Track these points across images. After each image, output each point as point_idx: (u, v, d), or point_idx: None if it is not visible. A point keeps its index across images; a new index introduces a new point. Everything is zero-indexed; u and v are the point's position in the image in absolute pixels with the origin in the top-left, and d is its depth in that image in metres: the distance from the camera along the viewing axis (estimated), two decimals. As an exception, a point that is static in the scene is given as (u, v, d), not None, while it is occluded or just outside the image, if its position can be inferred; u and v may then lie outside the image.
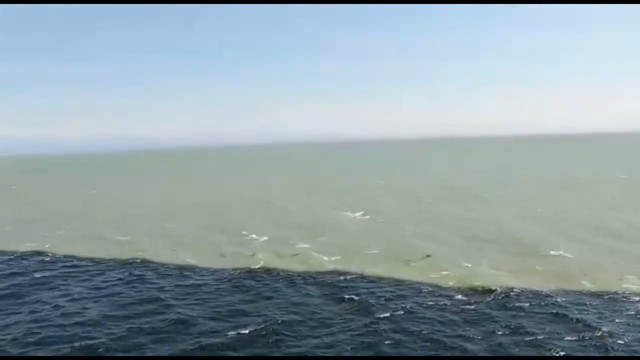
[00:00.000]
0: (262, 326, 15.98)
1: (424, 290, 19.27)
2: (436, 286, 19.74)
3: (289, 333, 15.49)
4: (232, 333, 15.57)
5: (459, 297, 18.37)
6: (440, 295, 18.57)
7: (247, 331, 15.70)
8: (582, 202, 40.77)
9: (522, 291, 18.66)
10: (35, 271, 24.26)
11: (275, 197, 50.61)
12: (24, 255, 27.87)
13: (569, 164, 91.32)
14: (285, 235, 30.76)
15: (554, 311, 16.54)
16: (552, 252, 24.26)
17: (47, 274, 23.67)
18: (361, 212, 38.79)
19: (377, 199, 47.51)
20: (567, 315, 16.10)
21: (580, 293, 18.46)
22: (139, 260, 25.64)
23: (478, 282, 19.79)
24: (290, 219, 37.35)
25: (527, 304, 17.26)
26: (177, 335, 15.67)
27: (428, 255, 24.38)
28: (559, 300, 17.62)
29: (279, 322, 16.27)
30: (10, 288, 21.37)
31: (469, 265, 22.53)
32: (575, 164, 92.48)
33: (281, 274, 22.33)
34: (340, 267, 23.11)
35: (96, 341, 15.27)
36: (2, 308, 18.77)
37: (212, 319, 17.03)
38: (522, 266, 22.23)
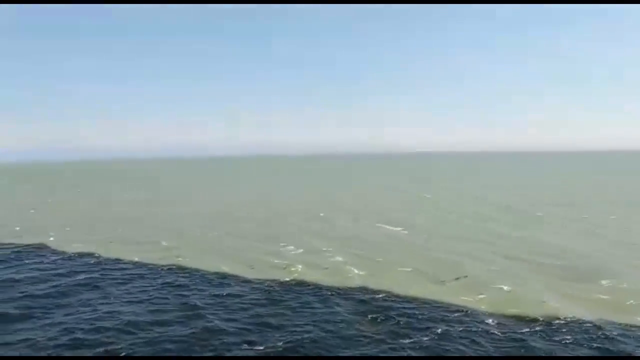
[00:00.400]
0: (288, 341, 15.76)
1: (457, 314, 18.19)
2: (471, 310, 18.60)
3: (314, 350, 15.19)
4: (258, 347, 15.43)
5: (495, 324, 17.19)
6: (474, 321, 17.46)
7: (273, 345, 15.53)
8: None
9: (568, 322, 17.21)
10: (80, 272, 25.29)
11: (323, 210, 50.07)
12: (71, 256, 29.32)
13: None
14: (321, 248, 30.40)
15: (602, 345, 15.15)
16: (607, 280, 22.32)
17: (90, 275, 24.60)
18: (401, 227, 37.87)
19: (420, 214, 46.29)
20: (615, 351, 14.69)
21: (636, 327, 16.80)
22: (176, 267, 26.18)
23: (518, 309, 18.47)
24: (332, 231, 36.93)
25: (572, 337, 15.89)
26: (205, 345, 15.69)
27: (465, 276, 23.20)
28: (608, 333, 16.11)
29: (306, 338, 15.98)
30: (53, 287, 22.35)
31: (510, 289, 21.16)
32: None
33: (313, 287, 22.01)
34: (373, 282, 22.45)
35: (123, 345, 15.60)
36: (42, 307, 19.62)
37: (241, 330, 16.96)
38: (571, 293, 20.58)
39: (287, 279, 23.34)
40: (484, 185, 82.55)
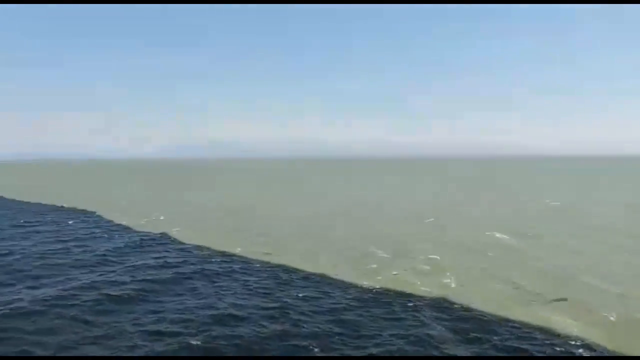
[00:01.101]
0: (370, 353, 15.13)
1: (563, 345, 15.74)
2: (579, 340, 15.97)
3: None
4: (335, 354, 15.09)
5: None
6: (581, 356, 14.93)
7: (350, 354, 15.06)
8: None
9: None
10: (192, 264, 27.41)
11: (433, 213, 48.05)
12: (184, 248, 32.05)
13: None
14: (422, 254, 28.91)
15: None
16: None
17: (199, 267, 26.50)
18: (509, 235, 34.53)
19: (538, 222, 41.69)
20: None
21: None
22: (273, 264, 27.04)
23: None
24: (436, 237, 35.02)
25: None
26: (281, 347, 15.77)
27: (563, 299, 20.15)
28: None
29: (387, 352, 15.17)
30: (167, 277, 24.46)
31: (624, 317, 17.78)
32: None
33: (406, 296, 20.96)
34: (467, 297, 20.60)
35: (204, 335, 16.35)
36: (153, 296, 21.48)
37: (324, 335, 16.72)
38: None
39: (381, 285, 22.58)
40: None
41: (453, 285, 22.60)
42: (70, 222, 45.56)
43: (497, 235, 35.12)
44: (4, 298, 20.70)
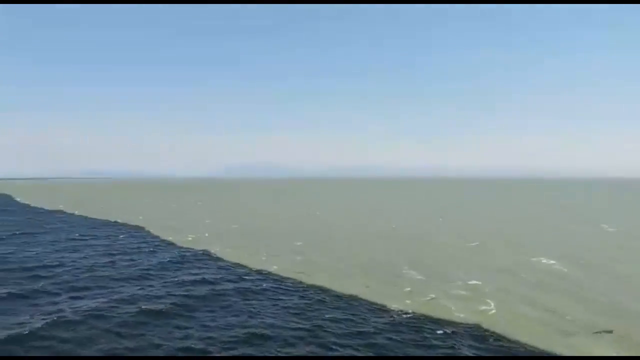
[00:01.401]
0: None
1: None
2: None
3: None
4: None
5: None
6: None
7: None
8: None
9: None
10: (229, 281, 27.86)
11: (478, 237, 46.46)
12: (223, 265, 32.65)
13: None
14: (460, 279, 27.86)
15: None
16: None
17: (234, 285, 26.90)
18: (555, 260, 32.62)
19: (592, 248, 39.10)
20: None
21: None
22: (307, 284, 26.95)
23: None
24: (478, 261, 33.68)
25: None
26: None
27: (609, 331, 18.56)
28: None
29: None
30: (202, 294, 24.97)
31: None
32: None
33: (441, 322, 20.20)
34: (502, 326, 19.52)
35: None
36: (186, 312, 21.96)
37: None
38: None
39: (413, 310, 21.91)
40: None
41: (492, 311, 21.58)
42: (120, 236, 47.85)
43: (544, 261, 33.29)
44: (50, 308, 21.91)
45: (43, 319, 19.87)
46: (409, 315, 21.20)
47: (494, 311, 21.60)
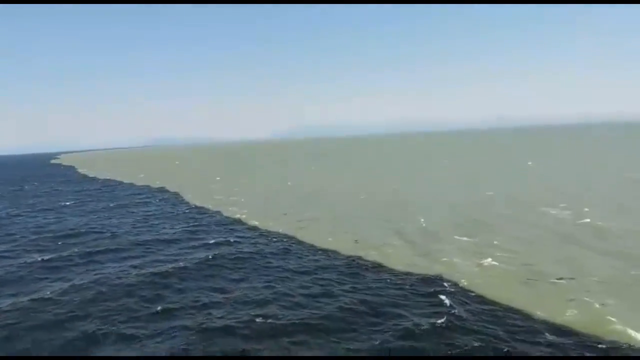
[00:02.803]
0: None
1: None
2: None
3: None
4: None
5: None
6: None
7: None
8: None
9: None
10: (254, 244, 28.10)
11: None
12: (276, 237, 30.20)
13: None
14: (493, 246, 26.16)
15: None
16: None
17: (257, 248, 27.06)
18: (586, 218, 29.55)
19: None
20: None
21: None
22: (360, 259, 24.38)
23: None
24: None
25: None
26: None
27: None
28: None
29: None
30: (227, 256, 25.38)
31: None
32: None
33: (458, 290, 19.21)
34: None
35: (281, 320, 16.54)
36: (240, 280, 22.20)
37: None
38: None
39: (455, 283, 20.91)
40: None
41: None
42: (157, 201, 49.82)
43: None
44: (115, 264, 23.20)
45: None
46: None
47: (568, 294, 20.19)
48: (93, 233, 34.36)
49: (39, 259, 26.86)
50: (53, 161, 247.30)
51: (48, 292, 20.57)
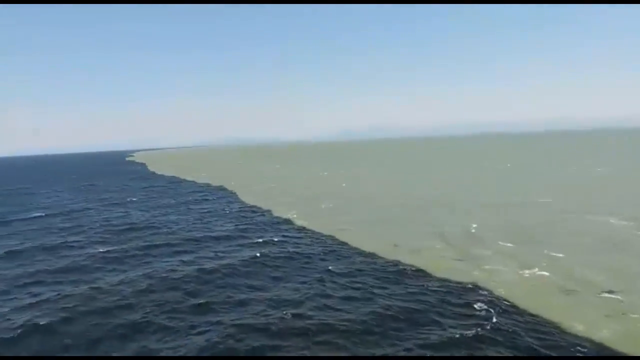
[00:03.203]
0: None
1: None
2: None
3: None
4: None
5: None
6: None
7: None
8: None
9: None
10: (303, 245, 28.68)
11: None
12: (319, 238, 31.15)
13: None
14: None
15: None
16: None
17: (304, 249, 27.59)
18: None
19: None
20: None
21: None
22: (398, 263, 24.57)
23: None
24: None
25: None
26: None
27: None
28: None
29: None
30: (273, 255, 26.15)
31: None
32: None
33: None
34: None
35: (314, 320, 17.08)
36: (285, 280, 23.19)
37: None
38: None
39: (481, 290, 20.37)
40: None
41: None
42: (213, 199, 52.00)
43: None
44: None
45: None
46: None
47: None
48: (152, 228, 36.70)
49: (101, 250, 29.19)
50: (128, 158, 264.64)
51: (104, 282, 22.41)
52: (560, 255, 23.60)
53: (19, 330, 17.06)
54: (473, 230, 30.10)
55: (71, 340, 16.23)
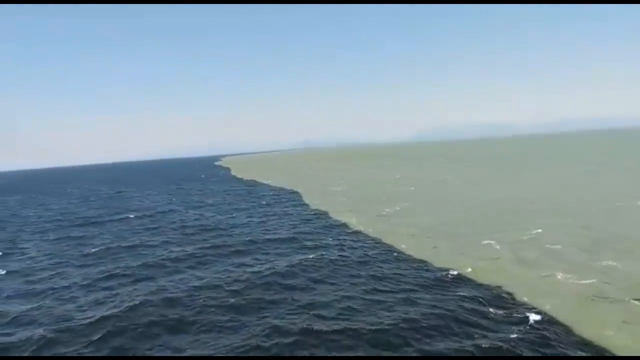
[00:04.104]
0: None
1: None
2: None
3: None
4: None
5: None
6: None
7: None
8: None
9: None
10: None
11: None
12: (378, 243, 31.52)
13: None
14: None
15: None
16: None
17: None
18: None
19: None
20: None
21: None
22: (451, 270, 25.09)
23: None
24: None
25: None
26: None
27: None
28: None
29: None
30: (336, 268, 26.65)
31: None
32: None
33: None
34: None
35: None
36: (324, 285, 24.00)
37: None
38: None
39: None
40: None
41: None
42: (284, 201, 53.71)
43: None
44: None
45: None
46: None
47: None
48: (220, 229, 39.15)
49: (175, 250, 31.81)
50: (216, 163, 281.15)
51: (166, 281, 24.48)
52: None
53: (86, 321, 19.32)
54: (543, 238, 28.09)
55: (122, 337, 18.05)
